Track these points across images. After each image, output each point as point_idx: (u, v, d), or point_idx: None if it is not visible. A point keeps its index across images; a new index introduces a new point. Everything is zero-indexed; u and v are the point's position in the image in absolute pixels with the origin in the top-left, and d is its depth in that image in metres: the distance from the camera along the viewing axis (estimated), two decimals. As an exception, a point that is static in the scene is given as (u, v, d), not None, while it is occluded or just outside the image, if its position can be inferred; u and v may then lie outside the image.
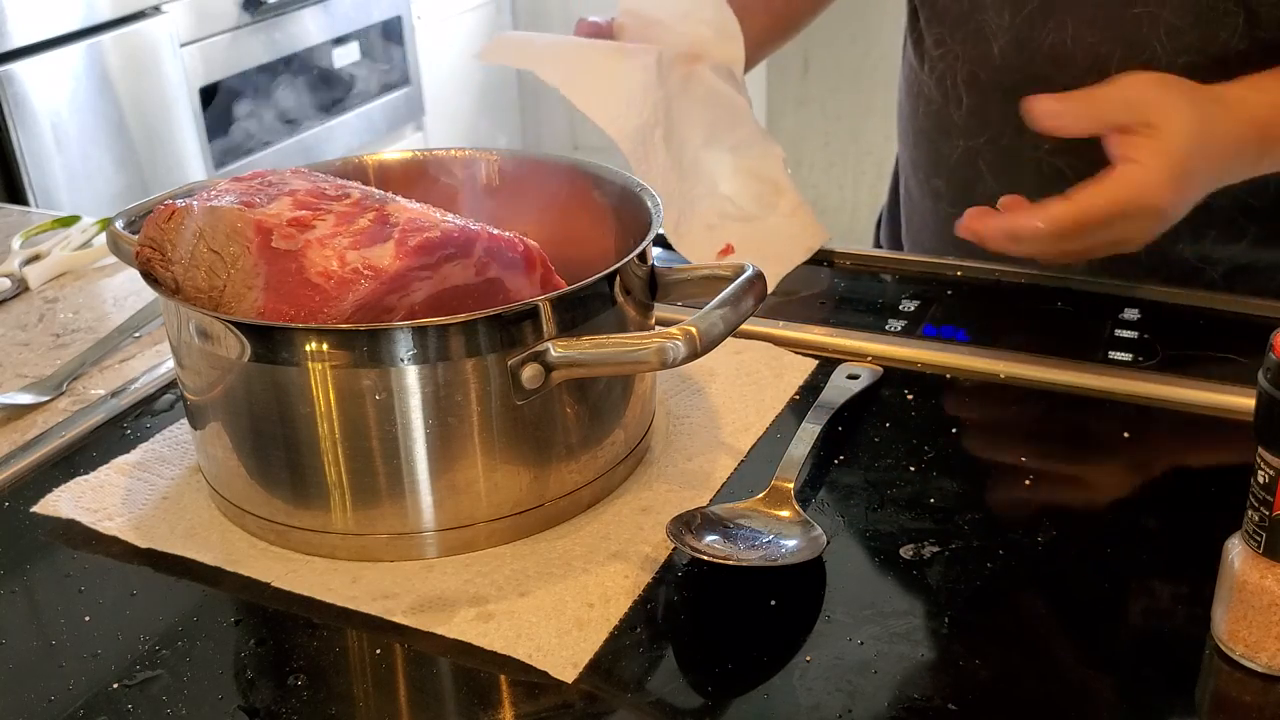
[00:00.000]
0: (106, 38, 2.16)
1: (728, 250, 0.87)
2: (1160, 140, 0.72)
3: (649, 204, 0.70)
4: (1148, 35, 0.81)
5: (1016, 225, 0.75)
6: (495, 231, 0.64)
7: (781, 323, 0.84)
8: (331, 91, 2.70)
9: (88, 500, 0.68)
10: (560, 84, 0.81)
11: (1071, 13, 0.84)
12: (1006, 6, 0.86)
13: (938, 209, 0.98)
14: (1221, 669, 0.55)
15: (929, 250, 1.00)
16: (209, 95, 2.40)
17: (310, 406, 0.59)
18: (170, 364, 0.81)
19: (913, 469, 0.69)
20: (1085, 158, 0.88)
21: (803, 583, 0.60)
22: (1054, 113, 0.76)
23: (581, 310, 0.61)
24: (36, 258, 1.02)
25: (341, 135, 2.72)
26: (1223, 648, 0.55)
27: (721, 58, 0.88)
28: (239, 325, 0.60)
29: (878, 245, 1.12)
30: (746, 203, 0.88)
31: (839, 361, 0.78)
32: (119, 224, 0.70)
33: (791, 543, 0.61)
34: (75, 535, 0.66)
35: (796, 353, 0.81)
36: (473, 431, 0.60)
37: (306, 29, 2.58)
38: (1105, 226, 0.74)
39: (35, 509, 0.68)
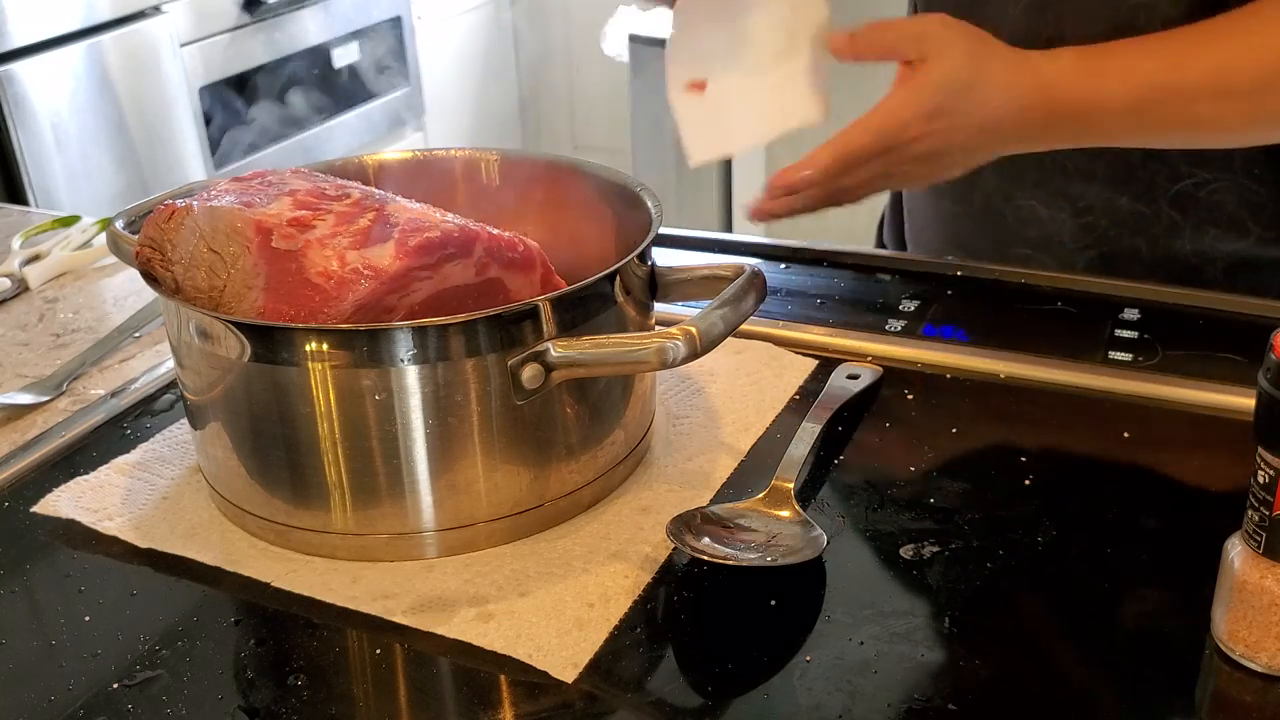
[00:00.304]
0: (106, 38, 2.16)
1: (699, 86, 0.81)
2: (923, 74, 0.75)
3: (649, 204, 0.70)
4: (1144, 27, 0.81)
5: (788, 178, 0.77)
6: (495, 231, 0.64)
7: (781, 323, 0.84)
8: (331, 91, 2.70)
9: (88, 500, 0.68)
10: None
11: (1069, 5, 0.84)
12: (1007, 0, 0.86)
13: (939, 206, 0.98)
14: (1221, 669, 0.55)
15: (932, 249, 1.00)
16: (209, 95, 2.40)
17: (310, 406, 0.59)
18: (170, 364, 0.81)
19: (913, 469, 0.69)
20: (1086, 150, 0.88)
21: (803, 583, 0.60)
22: (849, 40, 0.78)
23: (581, 310, 0.61)
24: (36, 258, 1.02)
25: (341, 135, 2.72)
26: (1223, 648, 0.55)
27: None
28: (239, 325, 0.60)
29: (880, 246, 1.12)
30: (754, 53, 0.82)
31: (839, 361, 0.78)
32: (119, 224, 0.70)
33: (791, 543, 0.61)
34: (75, 535, 0.66)
35: (796, 353, 0.80)
36: (473, 431, 0.60)
37: (306, 29, 2.58)
38: (871, 160, 0.76)
39: (35, 509, 0.68)
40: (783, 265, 0.94)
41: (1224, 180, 0.87)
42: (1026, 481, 0.67)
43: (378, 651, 0.58)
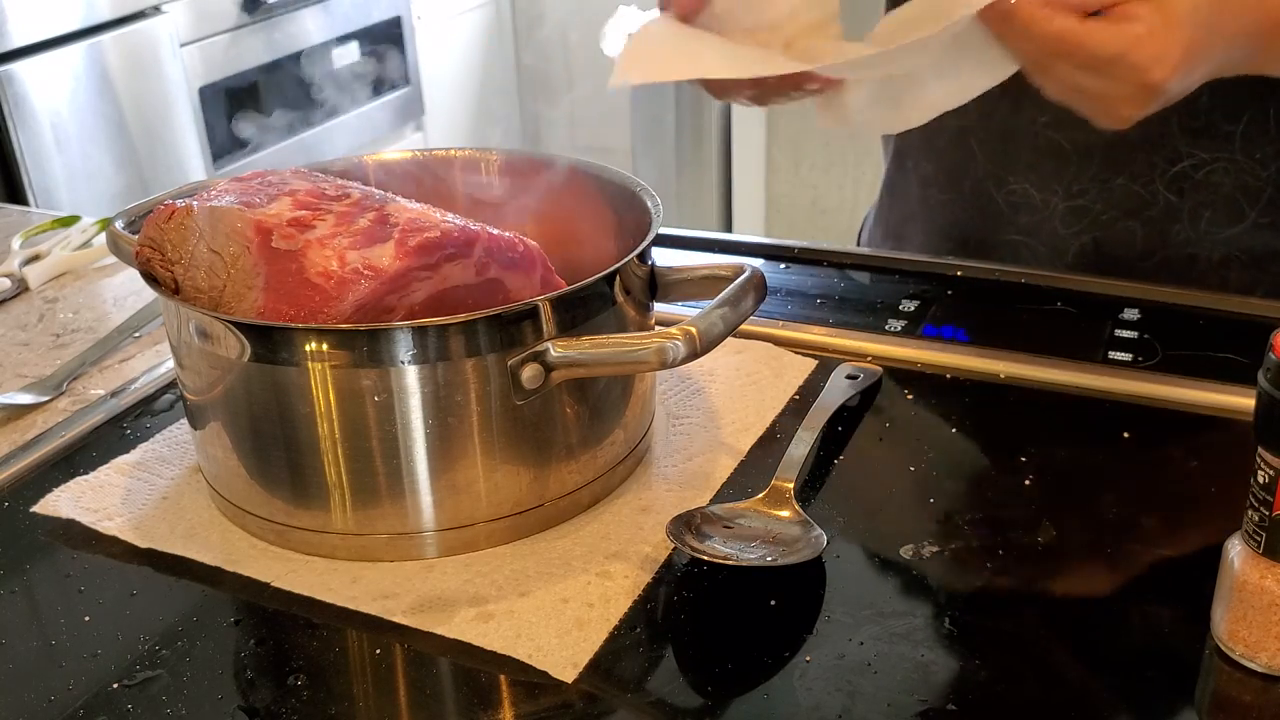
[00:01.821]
0: (106, 38, 2.16)
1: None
2: (1166, 10, 0.64)
3: (649, 204, 0.70)
4: None
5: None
6: (495, 231, 0.64)
7: (781, 323, 0.84)
8: (331, 91, 2.70)
9: (88, 500, 0.68)
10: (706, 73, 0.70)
11: None
12: None
13: (926, 196, 0.98)
14: (1221, 669, 0.55)
15: (913, 244, 1.00)
16: (209, 95, 2.40)
17: (310, 406, 0.59)
18: (170, 364, 0.81)
19: (913, 469, 0.69)
20: (1086, 130, 0.87)
21: (803, 583, 0.60)
22: None
23: (581, 310, 0.61)
24: (36, 258, 1.02)
25: (341, 135, 2.71)
26: (1223, 648, 0.55)
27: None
28: (239, 325, 0.60)
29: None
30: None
31: (839, 361, 0.78)
32: (119, 224, 0.70)
33: (791, 543, 0.61)
34: (75, 535, 0.66)
35: (796, 353, 0.80)
36: (473, 431, 0.60)
37: (306, 29, 2.58)
38: (1084, 69, 0.66)
39: (35, 509, 0.68)
40: (783, 265, 0.94)
41: (1222, 161, 0.86)
42: (1026, 481, 0.67)
43: (378, 651, 0.58)
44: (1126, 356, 0.78)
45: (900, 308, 0.86)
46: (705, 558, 0.59)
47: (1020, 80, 0.73)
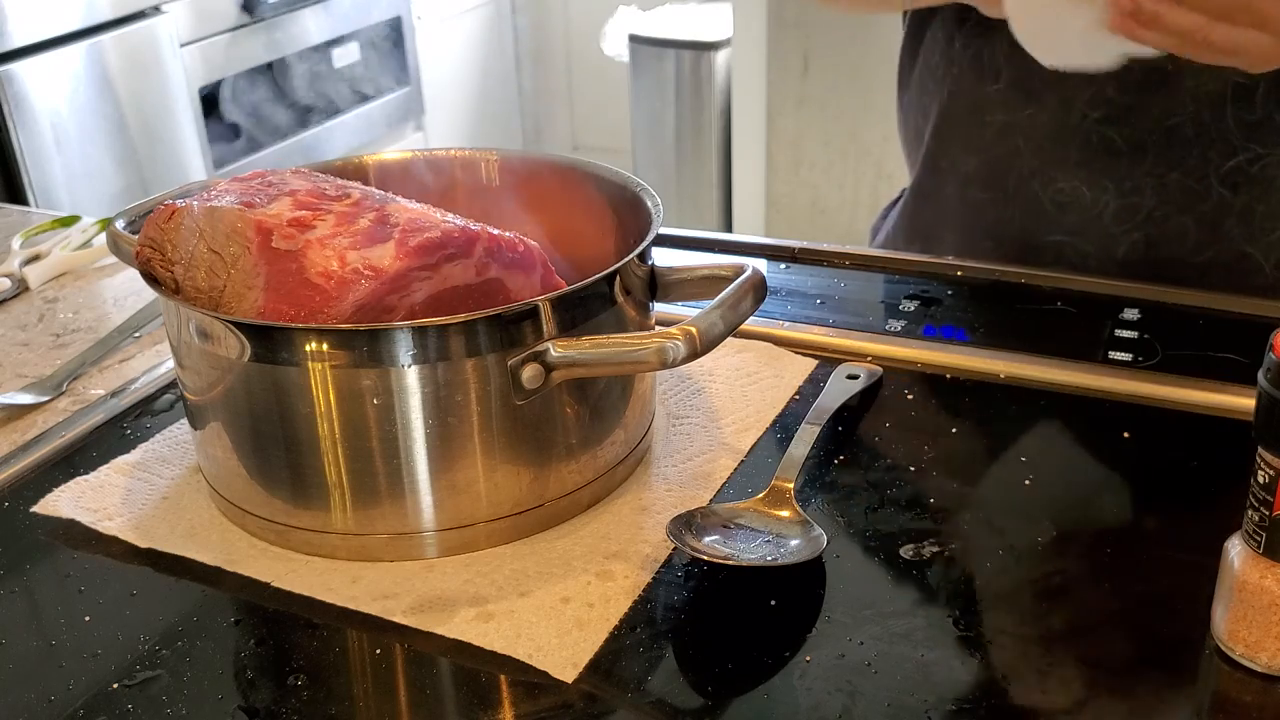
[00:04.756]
0: (106, 38, 2.16)
1: None
2: None
3: (649, 204, 0.70)
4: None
5: None
6: (495, 231, 0.64)
7: (781, 323, 0.84)
8: (331, 91, 2.70)
9: (88, 500, 0.68)
10: None
11: None
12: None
13: (965, 196, 0.96)
14: (1221, 669, 0.55)
15: (946, 245, 0.99)
16: (209, 95, 2.40)
17: (310, 406, 0.59)
18: (170, 364, 0.81)
19: (913, 469, 0.69)
20: (1138, 126, 0.86)
21: (803, 583, 0.60)
22: None
23: (581, 310, 0.61)
24: (36, 258, 1.02)
25: (341, 135, 2.72)
26: (1223, 648, 0.55)
27: None
28: (239, 325, 0.60)
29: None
30: None
31: (839, 361, 0.78)
32: (119, 224, 0.70)
33: (791, 543, 0.61)
34: (75, 535, 0.66)
35: (796, 353, 0.80)
36: (473, 431, 0.60)
37: (306, 29, 2.59)
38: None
39: (35, 509, 0.68)
40: (783, 265, 0.94)
41: (1277, 155, 0.85)
42: (1026, 481, 0.67)
43: (378, 651, 0.58)
44: (1126, 356, 0.78)
45: (900, 308, 0.86)
46: (705, 558, 0.59)
47: (1070, 77, 0.71)
